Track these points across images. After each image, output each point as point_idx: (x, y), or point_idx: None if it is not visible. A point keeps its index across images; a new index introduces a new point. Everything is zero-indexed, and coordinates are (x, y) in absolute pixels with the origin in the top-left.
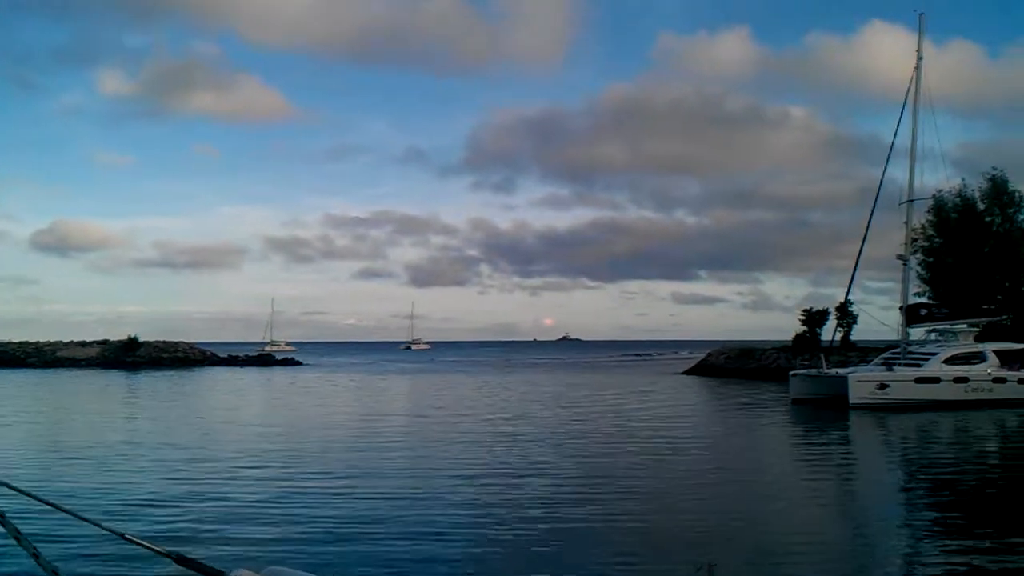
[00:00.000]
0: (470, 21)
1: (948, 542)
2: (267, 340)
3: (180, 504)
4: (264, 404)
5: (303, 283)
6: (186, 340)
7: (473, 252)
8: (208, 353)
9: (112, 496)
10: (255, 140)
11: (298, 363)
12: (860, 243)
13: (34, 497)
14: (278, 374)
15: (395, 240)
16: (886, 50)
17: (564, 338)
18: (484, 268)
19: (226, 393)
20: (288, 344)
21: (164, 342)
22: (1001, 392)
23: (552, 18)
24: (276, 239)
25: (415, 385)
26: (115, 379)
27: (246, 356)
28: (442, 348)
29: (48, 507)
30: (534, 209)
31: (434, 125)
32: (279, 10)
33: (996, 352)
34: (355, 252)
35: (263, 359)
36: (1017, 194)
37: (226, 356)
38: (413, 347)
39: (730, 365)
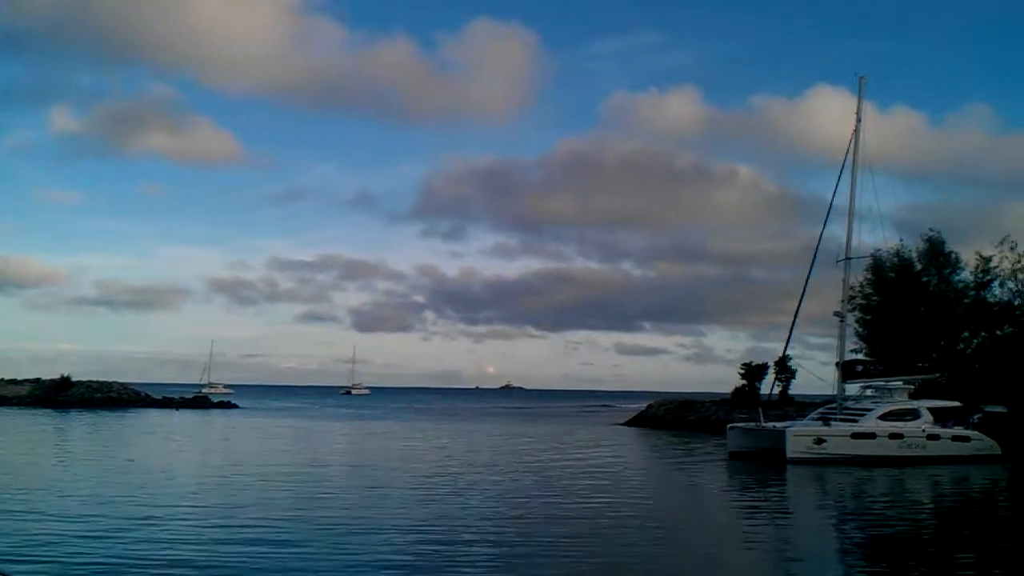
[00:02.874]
0: (426, 71)
1: None
2: (205, 382)
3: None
4: (196, 451)
5: (245, 326)
6: (121, 380)
7: (419, 298)
8: (143, 394)
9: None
10: (205, 181)
11: (235, 406)
12: (799, 299)
13: None
14: (214, 417)
15: (340, 284)
16: (830, 112)
17: (507, 386)
18: (429, 315)
19: (157, 438)
20: (226, 387)
21: (98, 382)
22: (935, 449)
23: (508, 72)
24: (219, 281)
25: (350, 432)
26: (42, 420)
27: (182, 398)
28: (383, 394)
29: None
30: (482, 258)
31: (385, 171)
32: (236, 55)
33: (930, 409)
34: (299, 295)
35: (199, 402)
36: (953, 255)
37: (161, 398)
38: (353, 392)
39: (670, 417)
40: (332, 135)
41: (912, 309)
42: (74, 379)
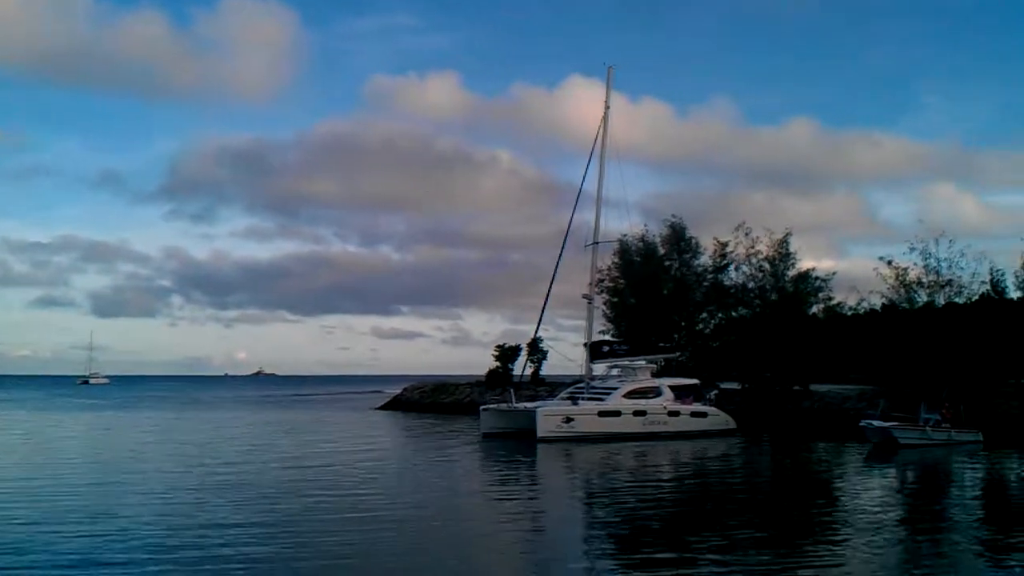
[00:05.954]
0: (178, 46)
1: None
2: None
3: None
4: None
5: None
6: None
7: (165, 282)
8: None
9: None
10: None
11: None
12: (549, 283)
13: None
14: None
15: (79, 267)
16: (584, 101)
17: (259, 373)
18: (176, 299)
19: None
20: None
21: None
22: (675, 425)
23: (265, 50)
24: None
25: (82, 425)
26: None
27: None
28: (125, 383)
29: None
30: (234, 240)
31: (132, 149)
32: None
33: (671, 387)
34: (33, 279)
35: None
36: (694, 240)
37: None
38: (91, 382)
39: (425, 400)
40: (75, 110)
41: (655, 292)
42: None
